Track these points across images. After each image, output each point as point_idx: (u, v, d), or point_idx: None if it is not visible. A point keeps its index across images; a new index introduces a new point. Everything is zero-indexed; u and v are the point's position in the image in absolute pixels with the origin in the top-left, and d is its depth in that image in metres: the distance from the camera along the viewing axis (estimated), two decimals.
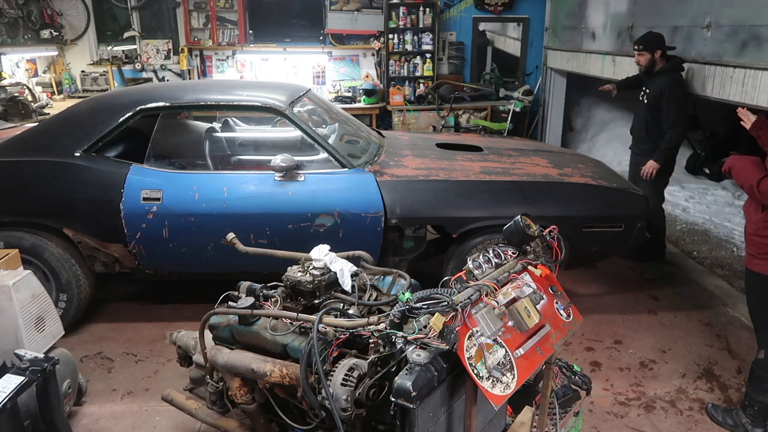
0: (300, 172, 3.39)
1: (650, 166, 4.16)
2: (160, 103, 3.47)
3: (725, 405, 2.93)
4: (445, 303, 1.56)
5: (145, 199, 3.27)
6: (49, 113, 5.90)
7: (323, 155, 3.50)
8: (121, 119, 3.39)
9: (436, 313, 1.52)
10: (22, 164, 3.37)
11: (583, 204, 3.57)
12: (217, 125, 4.05)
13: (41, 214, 3.34)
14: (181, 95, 3.62)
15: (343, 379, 1.68)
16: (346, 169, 3.45)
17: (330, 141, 3.62)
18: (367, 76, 7.90)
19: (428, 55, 7.61)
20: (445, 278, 1.82)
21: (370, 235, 3.37)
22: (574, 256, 3.56)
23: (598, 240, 3.60)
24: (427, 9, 7.45)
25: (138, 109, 3.42)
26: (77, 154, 3.34)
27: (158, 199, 3.27)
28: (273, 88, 3.91)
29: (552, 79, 7.85)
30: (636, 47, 4.15)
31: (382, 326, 1.71)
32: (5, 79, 6.50)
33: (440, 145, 4.23)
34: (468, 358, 1.54)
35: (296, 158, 3.37)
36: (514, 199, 3.47)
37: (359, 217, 3.33)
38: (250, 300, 2.03)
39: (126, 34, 7.69)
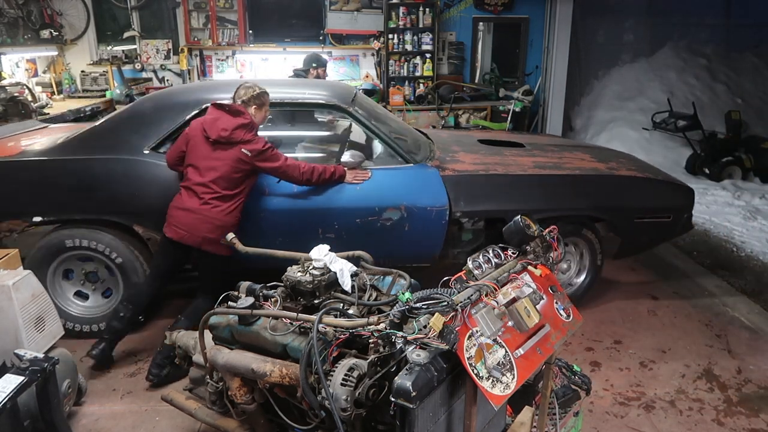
0: (368, 167, 3.47)
1: None
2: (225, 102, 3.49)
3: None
4: (445, 303, 1.56)
5: None
6: (48, 113, 5.90)
7: (386, 151, 3.58)
8: (188, 117, 3.41)
9: (436, 313, 1.52)
10: (91, 162, 3.36)
11: (635, 196, 3.77)
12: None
13: (112, 211, 3.34)
14: None
15: (343, 379, 1.68)
16: (410, 164, 3.54)
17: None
18: (367, 76, 7.90)
19: (428, 55, 7.61)
20: (445, 278, 1.82)
21: (435, 228, 3.44)
22: (625, 246, 3.82)
23: (648, 231, 3.81)
24: (427, 9, 7.45)
25: (204, 107, 3.42)
26: (146, 152, 3.37)
27: None
28: (327, 87, 3.98)
29: (552, 78, 7.86)
30: None
31: (382, 326, 1.71)
32: (5, 79, 6.48)
33: (481, 141, 4.35)
34: (468, 358, 1.54)
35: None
36: (570, 191, 3.67)
37: (425, 211, 3.40)
38: (250, 300, 2.03)
39: (126, 34, 7.69)
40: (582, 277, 3.85)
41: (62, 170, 3.36)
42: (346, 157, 3.36)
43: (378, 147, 3.73)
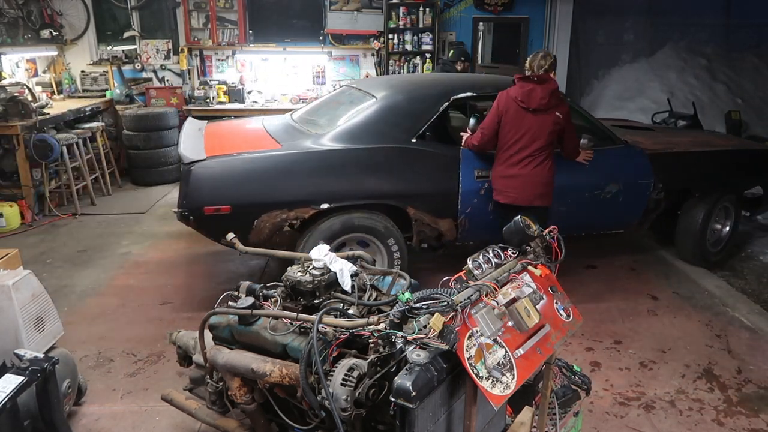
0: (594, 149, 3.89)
1: None
2: (468, 93, 3.92)
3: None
4: (445, 303, 1.56)
5: (478, 177, 3.71)
6: (48, 113, 5.90)
7: (597, 134, 4.02)
8: (441, 108, 3.81)
9: (436, 313, 1.52)
10: (369, 151, 3.63)
11: None
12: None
13: (390, 195, 3.64)
14: (482, 85, 4.16)
15: (343, 379, 1.68)
16: (620, 146, 4.08)
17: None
18: (367, 76, 7.90)
19: (428, 55, 7.60)
20: (445, 278, 1.82)
21: (640, 200, 4.12)
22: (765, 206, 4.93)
23: None
24: (427, 9, 7.44)
25: (452, 98, 3.83)
26: (414, 141, 3.70)
27: (488, 177, 3.70)
28: None
29: None
30: None
31: (381, 326, 1.71)
32: (5, 79, 6.49)
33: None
34: (468, 358, 1.54)
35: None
36: (737, 163, 4.48)
37: (636, 185, 4.06)
38: (250, 300, 2.03)
39: (126, 34, 7.68)
40: (727, 229, 4.64)
41: (346, 159, 3.62)
42: (584, 141, 3.81)
43: None
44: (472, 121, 3.91)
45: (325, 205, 3.50)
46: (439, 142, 3.98)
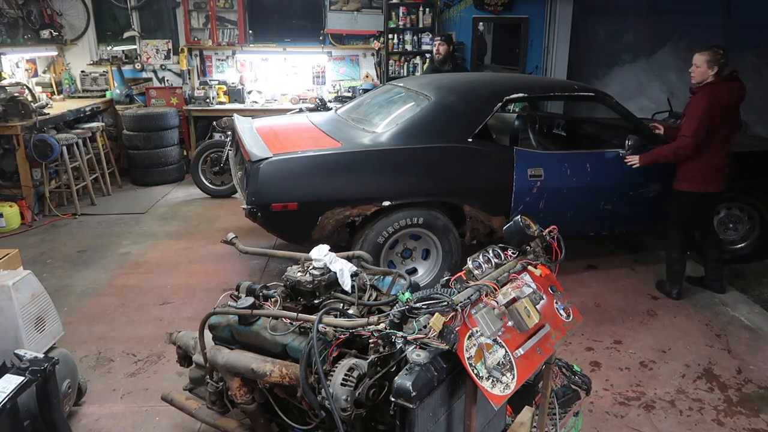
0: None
1: None
2: (521, 94, 4.04)
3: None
4: (445, 303, 1.56)
5: (531, 176, 3.82)
6: (48, 113, 5.90)
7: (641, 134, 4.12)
8: (495, 108, 3.88)
9: (436, 313, 1.52)
10: (429, 150, 3.70)
11: None
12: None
13: (449, 193, 3.75)
14: (532, 86, 4.34)
15: (343, 379, 1.68)
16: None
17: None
18: (367, 76, 7.90)
19: (428, 55, 7.60)
20: (445, 278, 1.82)
21: None
22: None
23: None
24: (427, 9, 7.44)
25: (504, 99, 3.91)
26: (470, 140, 3.76)
27: (540, 176, 3.83)
28: (586, 85, 4.76)
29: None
30: None
31: (381, 326, 1.71)
32: (5, 79, 6.49)
33: None
34: (468, 358, 1.54)
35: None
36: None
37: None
38: (250, 300, 2.03)
39: (126, 34, 7.68)
40: (756, 233, 4.63)
41: (408, 158, 3.67)
42: (630, 141, 3.91)
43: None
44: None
45: (386, 203, 3.59)
46: (492, 141, 4.08)
